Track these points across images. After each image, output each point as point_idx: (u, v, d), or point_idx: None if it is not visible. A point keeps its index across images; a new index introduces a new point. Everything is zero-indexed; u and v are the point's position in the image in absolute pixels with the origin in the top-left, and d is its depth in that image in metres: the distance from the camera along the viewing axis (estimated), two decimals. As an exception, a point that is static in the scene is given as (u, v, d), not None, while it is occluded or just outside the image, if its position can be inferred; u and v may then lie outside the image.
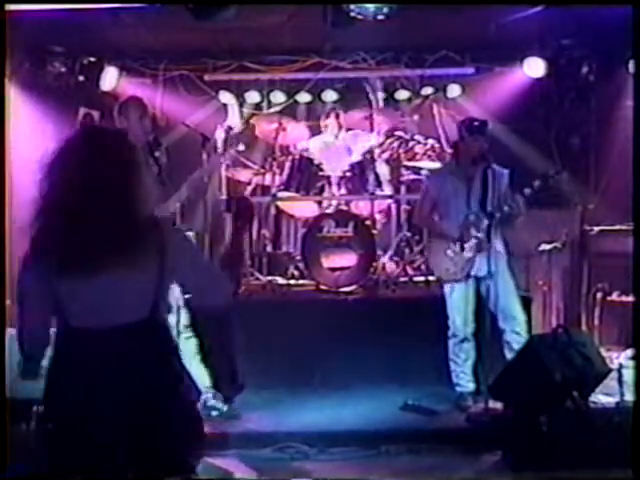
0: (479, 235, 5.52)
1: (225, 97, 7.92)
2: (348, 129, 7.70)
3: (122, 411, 2.55)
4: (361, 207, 7.25)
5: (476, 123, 5.63)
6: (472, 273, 5.59)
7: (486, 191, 5.52)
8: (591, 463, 4.49)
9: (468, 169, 5.61)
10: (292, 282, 7.16)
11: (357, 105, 7.93)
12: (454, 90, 7.80)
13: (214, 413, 5.48)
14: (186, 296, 5.92)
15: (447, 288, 5.71)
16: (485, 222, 5.48)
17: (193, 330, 5.60)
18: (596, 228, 6.96)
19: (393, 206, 7.52)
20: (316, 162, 7.29)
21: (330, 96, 7.98)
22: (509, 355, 5.50)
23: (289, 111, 8.00)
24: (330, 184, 7.12)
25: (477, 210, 5.54)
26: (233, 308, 6.28)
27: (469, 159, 5.59)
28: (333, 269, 6.74)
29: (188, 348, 5.54)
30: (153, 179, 5.46)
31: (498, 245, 5.59)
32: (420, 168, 7.54)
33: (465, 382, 5.70)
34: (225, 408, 5.55)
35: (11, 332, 4.89)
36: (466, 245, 5.56)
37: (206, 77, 7.74)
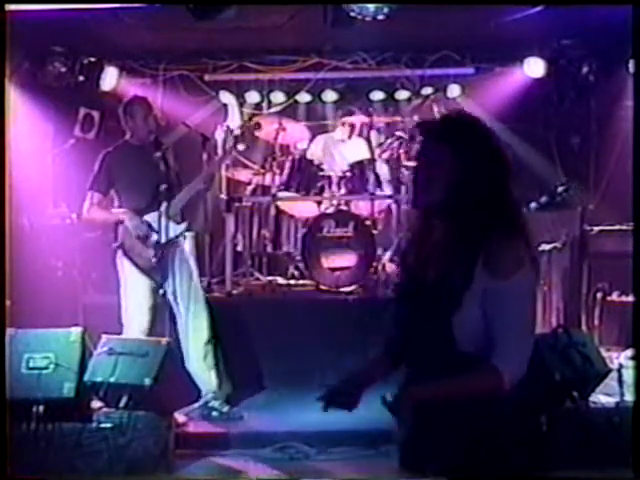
0: None
1: (225, 97, 7.92)
2: (351, 131, 7.71)
3: None
4: (361, 207, 7.24)
5: None
6: None
7: None
8: (591, 463, 4.50)
9: None
10: (292, 282, 7.16)
11: (357, 105, 7.92)
12: (454, 90, 7.80)
13: (214, 414, 5.49)
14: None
15: None
16: None
17: (210, 333, 5.62)
18: (596, 228, 6.96)
19: (393, 206, 7.51)
20: (316, 162, 7.29)
21: (330, 96, 7.99)
22: None
23: (289, 111, 8.01)
24: (330, 184, 7.12)
25: None
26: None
27: None
28: (333, 269, 6.74)
29: (197, 348, 5.55)
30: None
31: None
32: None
33: None
34: (225, 409, 5.56)
35: (11, 332, 4.92)
36: None
37: (206, 77, 7.74)
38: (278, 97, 7.94)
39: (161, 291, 5.45)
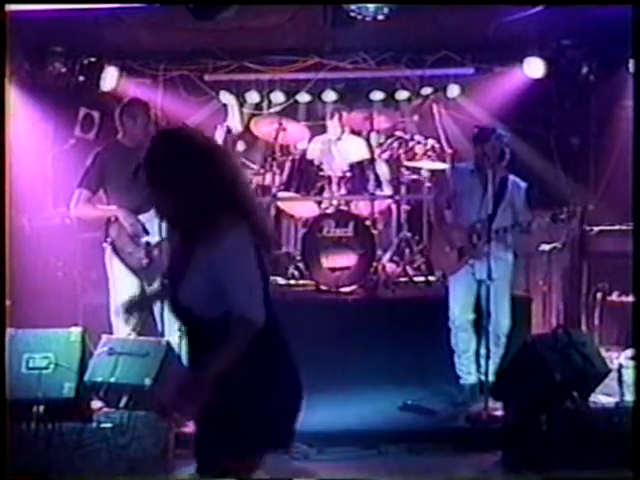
0: (479, 243, 5.52)
1: (225, 97, 7.92)
2: (351, 131, 7.72)
3: None
4: (361, 207, 7.25)
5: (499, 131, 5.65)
6: (475, 275, 5.59)
7: (499, 200, 5.51)
8: (591, 463, 4.50)
9: (487, 172, 5.52)
10: (292, 282, 7.16)
11: (357, 105, 7.92)
12: (454, 90, 7.80)
13: None
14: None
15: (449, 281, 5.74)
16: (489, 231, 5.45)
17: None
18: (596, 228, 6.96)
19: (393, 206, 7.52)
20: (316, 162, 7.30)
21: (330, 96, 7.98)
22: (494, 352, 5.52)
23: (289, 111, 8.00)
24: (330, 184, 7.13)
25: (485, 217, 5.51)
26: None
27: (488, 163, 5.51)
28: (333, 269, 6.74)
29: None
30: None
31: (503, 252, 5.59)
32: (420, 168, 7.55)
33: (465, 374, 5.72)
34: None
35: (11, 332, 4.92)
36: (464, 251, 5.59)
37: (206, 77, 7.73)
38: (278, 97, 7.94)
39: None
